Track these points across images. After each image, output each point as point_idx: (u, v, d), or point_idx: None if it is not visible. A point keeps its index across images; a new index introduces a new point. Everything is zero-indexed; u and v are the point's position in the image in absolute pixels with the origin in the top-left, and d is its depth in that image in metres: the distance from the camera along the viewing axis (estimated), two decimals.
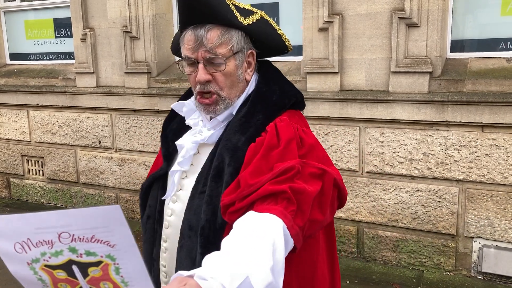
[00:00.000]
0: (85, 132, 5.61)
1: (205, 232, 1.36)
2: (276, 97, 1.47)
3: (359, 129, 4.14)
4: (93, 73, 5.38)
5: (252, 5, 1.53)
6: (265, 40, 1.51)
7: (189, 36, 1.40)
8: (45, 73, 5.90)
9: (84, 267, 1.02)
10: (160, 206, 1.60)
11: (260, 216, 1.17)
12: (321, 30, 4.12)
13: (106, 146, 5.52)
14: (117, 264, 1.01)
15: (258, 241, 1.08)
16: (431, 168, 3.93)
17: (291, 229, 1.16)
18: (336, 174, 1.33)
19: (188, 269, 1.26)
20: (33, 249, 0.97)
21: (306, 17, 4.18)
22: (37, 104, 5.85)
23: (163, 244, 1.58)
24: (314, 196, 1.24)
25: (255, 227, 1.14)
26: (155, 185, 1.63)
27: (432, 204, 3.99)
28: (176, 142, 1.55)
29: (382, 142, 4.07)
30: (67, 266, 1.01)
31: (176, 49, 1.59)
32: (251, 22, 1.44)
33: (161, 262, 1.59)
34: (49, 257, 0.99)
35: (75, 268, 1.01)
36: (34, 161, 6.16)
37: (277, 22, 4.62)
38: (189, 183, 1.51)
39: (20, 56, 6.32)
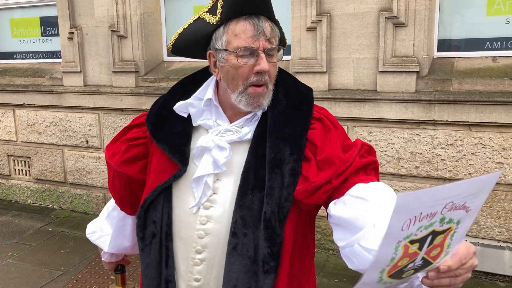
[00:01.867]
0: (73, 131, 5.56)
1: (272, 224, 1.35)
2: (302, 89, 1.55)
3: (347, 128, 4.16)
4: (80, 72, 5.34)
5: None
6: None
7: (245, 25, 1.37)
8: (32, 72, 5.83)
9: (434, 237, 1.02)
10: (169, 219, 1.50)
11: (373, 185, 1.35)
12: (309, 29, 4.13)
13: (93, 146, 5.48)
14: (457, 228, 1.03)
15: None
16: (418, 167, 3.97)
17: None
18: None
19: (244, 269, 1.38)
20: (416, 223, 0.96)
21: (294, 16, 4.18)
22: (24, 103, 5.78)
23: (197, 256, 1.48)
24: None
25: (387, 195, 1.31)
26: (158, 198, 1.51)
27: None
28: (200, 144, 1.46)
29: (369, 141, 4.09)
30: (424, 239, 1.01)
31: (190, 42, 1.49)
32: (277, 18, 1.48)
33: (194, 276, 1.49)
34: (420, 231, 0.98)
35: (429, 238, 1.01)
36: (21, 161, 6.09)
37: None
38: (225, 185, 1.46)
39: (6, 54, 6.24)
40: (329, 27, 4.08)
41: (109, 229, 1.82)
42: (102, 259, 1.90)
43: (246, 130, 1.47)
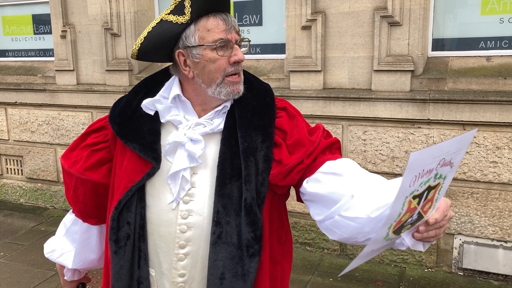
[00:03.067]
0: (65, 130, 5.52)
1: (253, 209, 1.41)
2: (263, 85, 1.62)
3: (342, 127, 4.16)
4: (73, 70, 5.29)
5: (235, 3, 1.60)
6: None
7: (217, 20, 1.45)
8: (24, 70, 5.78)
9: (429, 192, 1.13)
10: (142, 220, 1.49)
11: (341, 161, 1.46)
12: (304, 28, 4.12)
13: None
14: (443, 183, 1.16)
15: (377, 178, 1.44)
16: None
17: None
18: None
19: (230, 256, 1.43)
20: (419, 179, 1.06)
21: (289, 15, 4.17)
22: (16, 102, 5.73)
23: (181, 251, 1.48)
24: None
25: (355, 168, 1.45)
26: (132, 198, 1.48)
27: None
28: (173, 140, 1.47)
29: (364, 140, 4.09)
30: (422, 194, 1.12)
31: (158, 44, 1.48)
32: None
33: (179, 272, 1.49)
34: (421, 186, 1.09)
35: (425, 193, 1.12)
36: (13, 160, 6.04)
37: (260, 20, 4.61)
38: (203, 177, 1.48)
39: None
40: (324, 26, 4.07)
41: (70, 246, 1.77)
42: (64, 278, 1.84)
43: (218, 121, 1.51)
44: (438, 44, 4.06)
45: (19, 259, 4.50)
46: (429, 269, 4.09)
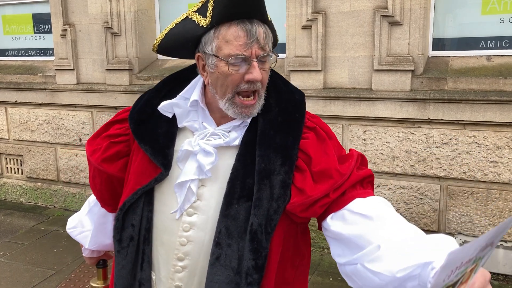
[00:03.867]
0: (66, 129, 5.52)
1: (258, 237, 1.30)
2: (295, 94, 1.48)
3: (342, 126, 4.16)
4: (73, 69, 5.29)
5: None
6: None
7: (237, 31, 1.28)
8: (24, 70, 5.78)
9: (464, 276, 1.00)
10: (148, 223, 1.45)
11: (372, 201, 1.31)
12: (305, 27, 4.12)
13: None
14: (481, 262, 1.02)
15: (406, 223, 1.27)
16: (413, 166, 3.97)
17: None
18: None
19: (226, 280, 1.33)
20: (456, 271, 0.95)
21: (290, 14, 4.17)
22: (16, 101, 5.73)
23: (179, 264, 1.43)
24: None
25: (387, 212, 1.29)
26: (138, 201, 1.45)
27: (414, 201, 4.03)
28: (185, 148, 1.40)
29: (365, 139, 4.09)
30: (457, 282, 0.99)
31: (178, 43, 1.42)
32: (270, 19, 1.38)
33: (175, 283, 1.45)
34: (456, 277, 0.97)
35: (461, 279, 0.99)
36: (13, 159, 6.03)
37: None
38: (210, 191, 1.40)
39: None
40: (324, 25, 4.07)
41: (90, 225, 1.77)
42: (83, 254, 1.86)
43: (234, 135, 1.40)
44: (439, 43, 4.05)
45: (19, 258, 4.50)
46: None
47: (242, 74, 1.32)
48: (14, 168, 6.06)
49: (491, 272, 3.84)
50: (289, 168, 1.34)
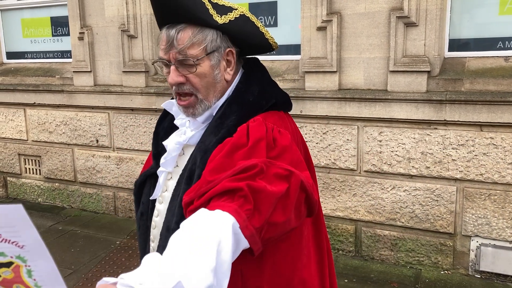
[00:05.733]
0: (83, 131, 5.59)
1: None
2: (253, 98, 1.42)
3: (357, 128, 4.14)
4: (90, 71, 5.36)
5: (250, 5, 1.52)
6: (245, 38, 1.45)
7: (162, 36, 1.38)
8: (42, 72, 5.87)
9: None
10: (152, 204, 1.59)
11: (209, 213, 1.07)
12: (320, 29, 4.12)
13: (103, 145, 5.50)
14: (29, 266, 0.96)
15: (201, 241, 1.00)
16: (429, 167, 3.94)
17: (244, 229, 1.08)
18: (304, 178, 1.24)
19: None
20: None
21: (305, 16, 4.17)
22: (34, 103, 5.82)
23: (151, 244, 1.57)
24: (278, 197, 1.15)
25: (200, 225, 1.04)
26: (148, 183, 1.61)
27: (430, 203, 4.00)
28: (163, 142, 1.54)
29: (380, 141, 4.07)
30: None
31: None
32: (227, 21, 1.38)
33: None
34: None
35: None
36: (31, 160, 6.14)
37: (275, 21, 4.62)
38: (173, 184, 1.49)
39: (17, 54, 6.29)
40: (339, 26, 4.07)
41: None
42: None
43: (190, 133, 1.47)
44: (455, 44, 4.02)
45: None
46: (446, 271, 4.05)
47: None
48: (33, 169, 6.16)
49: (508, 275, 3.80)
50: (201, 171, 1.32)
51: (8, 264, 0.97)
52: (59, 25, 5.91)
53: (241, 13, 1.42)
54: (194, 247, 0.98)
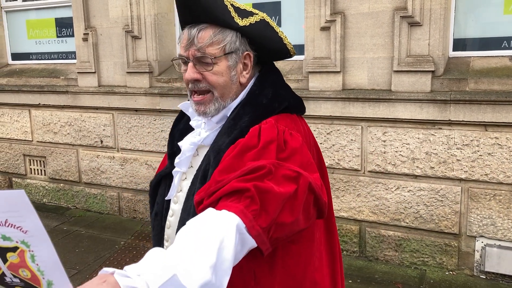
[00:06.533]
0: (87, 131, 5.61)
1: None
2: (267, 101, 1.44)
3: (361, 128, 4.14)
4: (94, 72, 5.38)
5: (254, 5, 1.54)
6: (264, 43, 1.47)
7: (184, 35, 1.43)
8: (47, 73, 5.90)
9: (3, 252, 1.01)
10: (167, 204, 1.60)
11: (215, 213, 1.11)
12: (323, 29, 4.11)
13: (108, 146, 5.52)
14: (32, 251, 1.00)
15: (203, 238, 1.02)
16: (433, 167, 3.93)
17: (251, 229, 1.11)
18: (313, 179, 1.26)
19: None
20: None
21: (308, 16, 4.17)
22: (39, 103, 5.85)
23: (165, 244, 1.59)
24: (285, 198, 1.17)
25: (205, 224, 1.07)
26: (163, 183, 1.63)
27: (434, 203, 3.98)
28: (179, 143, 1.55)
29: (384, 141, 4.06)
30: None
31: None
32: (248, 24, 1.42)
33: None
34: None
35: None
36: (36, 160, 6.16)
37: (279, 21, 4.62)
38: (187, 184, 1.51)
39: (22, 55, 6.32)
40: (343, 26, 4.06)
41: None
42: None
43: (204, 135, 1.49)
44: (459, 44, 4.01)
45: None
46: (450, 272, 4.03)
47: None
48: (38, 169, 6.19)
49: (507, 275, 3.78)
50: (214, 170, 1.33)
51: (14, 249, 1.00)
52: (64, 26, 5.94)
53: (262, 18, 1.46)
54: (196, 244, 1.01)
